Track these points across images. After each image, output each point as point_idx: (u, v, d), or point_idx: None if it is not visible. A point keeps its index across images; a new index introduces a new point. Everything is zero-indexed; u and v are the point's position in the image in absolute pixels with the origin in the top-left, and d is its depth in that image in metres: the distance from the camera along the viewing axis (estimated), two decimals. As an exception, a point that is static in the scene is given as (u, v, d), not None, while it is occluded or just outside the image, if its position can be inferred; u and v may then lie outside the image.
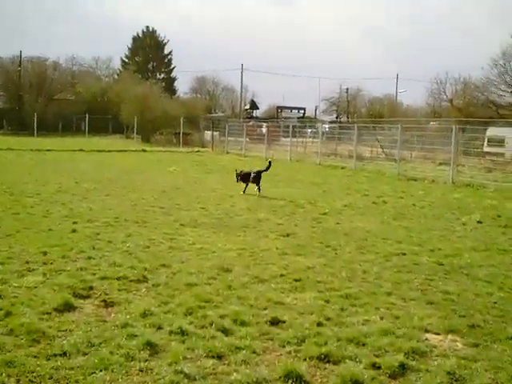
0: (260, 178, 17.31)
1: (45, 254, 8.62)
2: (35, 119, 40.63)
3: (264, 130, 41.47)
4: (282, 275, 7.91)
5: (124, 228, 10.96)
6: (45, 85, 71.73)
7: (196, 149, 43.96)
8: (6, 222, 11.22)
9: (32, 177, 19.82)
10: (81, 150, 37.76)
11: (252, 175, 17.50)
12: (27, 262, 8.08)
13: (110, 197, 15.45)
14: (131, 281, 7.33)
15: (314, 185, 20.74)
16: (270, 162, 18.08)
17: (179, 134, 49.91)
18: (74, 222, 11.31)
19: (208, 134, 55.37)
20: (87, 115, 43.89)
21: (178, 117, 54.62)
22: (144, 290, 7.02)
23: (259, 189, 17.09)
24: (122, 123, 63.36)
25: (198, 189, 18.22)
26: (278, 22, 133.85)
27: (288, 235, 11.02)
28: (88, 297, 6.74)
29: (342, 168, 29.37)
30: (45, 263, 8.10)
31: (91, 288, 6.99)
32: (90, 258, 8.47)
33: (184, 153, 39.57)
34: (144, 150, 40.45)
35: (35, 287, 6.94)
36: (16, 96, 72.31)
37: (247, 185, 17.51)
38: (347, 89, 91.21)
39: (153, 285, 7.21)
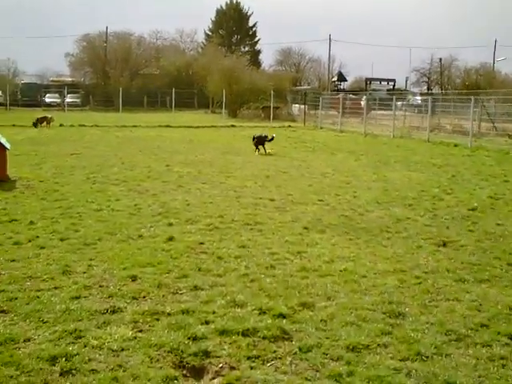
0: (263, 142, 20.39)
1: (134, 279, 6.24)
2: (120, 94, 38.90)
3: (363, 102, 38.15)
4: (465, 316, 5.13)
5: (234, 233, 8.44)
6: (130, 60, 70.74)
7: (287, 123, 41.23)
8: (86, 222, 8.98)
9: (118, 159, 17.69)
10: (167, 125, 35.88)
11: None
12: (110, 297, 5.64)
13: (207, 185, 13.02)
14: (265, 338, 4.74)
15: (435, 167, 17.67)
16: (273, 136, 21.04)
17: (266, 108, 47.28)
18: (170, 224, 8.90)
19: (296, 107, 52.67)
20: (173, 90, 41.75)
21: (265, 90, 52.16)
22: (289, 359, 4.41)
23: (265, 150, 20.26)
24: (207, 97, 61.35)
25: (306, 173, 15.55)
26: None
27: (445, 244, 8.19)
28: (201, 371, 4.20)
29: (456, 145, 25.90)
30: (134, 298, 5.66)
31: (206, 354, 4.43)
32: (196, 288, 6.01)
33: (276, 128, 36.86)
34: (233, 126, 38.09)
35: (122, 349, 4.45)
36: (102, 72, 71.75)
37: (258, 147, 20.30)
38: (440, 59, 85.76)
39: (300, 348, 4.58)
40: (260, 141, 20.47)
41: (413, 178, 15.13)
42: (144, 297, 5.73)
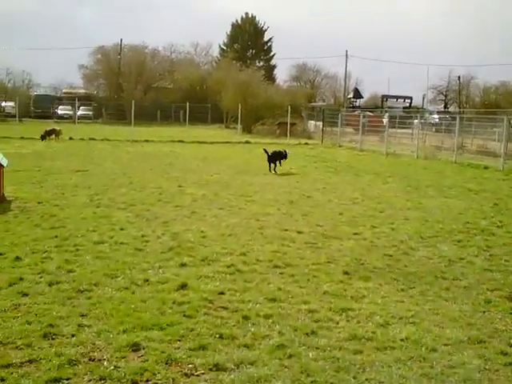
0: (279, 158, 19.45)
1: (135, 348, 4.89)
2: (133, 108, 37.64)
3: (385, 120, 36.61)
4: None
5: (260, 279, 6.94)
6: (144, 73, 69.77)
7: (303, 141, 39.75)
8: (83, 259, 7.52)
9: (126, 178, 16.27)
10: (180, 141, 34.51)
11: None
12: (102, 380, 4.20)
13: (225, 211, 11.54)
14: None
15: (472, 193, 16.15)
16: (285, 151, 20.03)
17: (282, 124, 45.91)
18: (182, 264, 7.42)
19: (311, 124, 51.32)
20: (187, 104, 40.46)
21: (280, 106, 50.93)
22: None
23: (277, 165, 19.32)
24: (221, 112, 60.12)
25: (333, 198, 14.04)
26: (384, 10, 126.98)
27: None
28: None
29: (486, 168, 24.27)
30: (134, 383, 4.13)
31: None
32: (217, 367, 4.56)
33: (292, 145, 35.37)
34: (248, 142, 36.65)
35: None
36: (115, 84, 70.82)
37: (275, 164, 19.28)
38: (459, 76, 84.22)
39: None
40: (276, 157, 19.53)
41: (451, 206, 13.59)
42: (147, 381, 4.22)
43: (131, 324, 5.27)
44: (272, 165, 19.40)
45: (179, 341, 5.00)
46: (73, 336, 5.04)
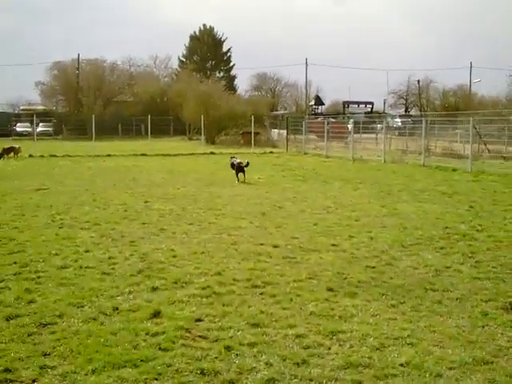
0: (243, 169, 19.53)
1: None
2: (93, 122, 36.79)
3: (350, 126, 36.43)
4: None
5: (239, 302, 6.41)
6: (103, 87, 68.75)
7: (268, 149, 39.37)
8: (45, 286, 6.93)
9: (89, 195, 15.58)
10: (143, 154, 33.79)
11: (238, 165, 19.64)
12: None
13: (195, 227, 10.98)
14: None
15: (445, 196, 15.94)
16: (247, 162, 20.09)
17: (246, 133, 45.55)
18: (154, 288, 6.86)
19: (275, 132, 51.08)
20: (149, 116, 39.73)
21: (243, 115, 50.63)
22: None
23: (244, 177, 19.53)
24: (183, 124, 59.51)
25: (305, 207, 13.61)
26: (338, 16, 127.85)
27: None
28: None
29: (454, 170, 24.18)
30: None
31: None
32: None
33: (258, 155, 35.00)
34: (212, 153, 36.11)
35: None
36: (74, 99, 69.64)
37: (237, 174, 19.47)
38: (418, 80, 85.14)
39: None
40: (240, 168, 19.63)
41: (427, 210, 13.27)
42: None
43: (101, 362, 4.69)
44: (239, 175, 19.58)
45: (156, 379, 4.44)
46: (34, 382, 4.43)
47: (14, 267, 7.88)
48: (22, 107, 74.77)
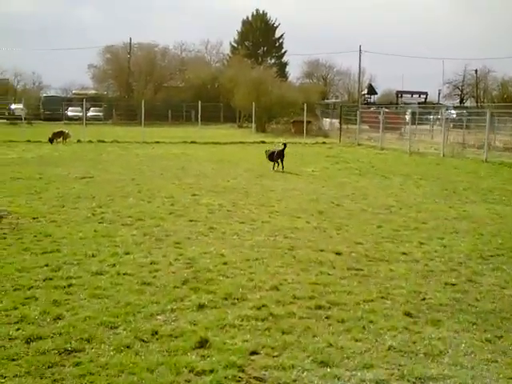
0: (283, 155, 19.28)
1: None
2: (143, 108, 36.15)
3: (407, 117, 34.88)
4: None
5: (302, 328, 5.37)
6: (154, 72, 68.28)
7: (321, 139, 38.09)
8: (75, 298, 6.01)
9: (135, 185, 14.75)
10: (193, 142, 32.93)
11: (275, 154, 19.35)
12: None
13: (247, 226, 10.00)
14: None
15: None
16: (284, 144, 19.97)
17: (297, 122, 44.32)
18: (201, 306, 5.88)
19: (326, 121, 49.77)
20: (199, 103, 38.85)
21: (294, 103, 49.35)
22: None
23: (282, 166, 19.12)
24: (233, 111, 58.57)
25: (366, 206, 12.53)
26: (397, 4, 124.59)
27: None
28: None
29: (523, 166, 22.54)
30: None
31: None
32: None
33: (310, 145, 33.84)
34: (263, 142, 34.99)
35: None
36: (125, 84, 69.50)
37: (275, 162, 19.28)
38: (476, 70, 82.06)
39: None
40: (279, 155, 19.41)
41: (501, 213, 11.98)
42: None
43: (132, 413, 3.69)
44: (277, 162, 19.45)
45: None
46: None
47: (45, 271, 7.01)
48: (73, 91, 75.06)
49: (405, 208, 12.35)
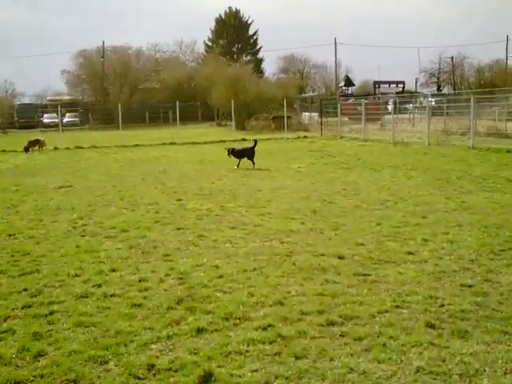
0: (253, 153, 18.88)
1: None
2: (119, 111, 35.36)
3: (390, 107, 34.47)
4: None
5: (317, 351, 4.80)
6: (129, 74, 67.32)
7: (302, 134, 37.52)
8: (58, 328, 5.38)
9: (116, 192, 14.08)
10: (172, 143, 32.27)
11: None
12: None
13: (239, 232, 9.39)
14: None
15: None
16: (255, 140, 19.22)
17: (276, 118, 43.83)
18: (199, 331, 5.25)
19: (306, 115, 49.34)
20: (177, 103, 38.08)
21: (273, 99, 48.84)
22: None
23: (253, 163, 18.71)
24: (211, 110, 57.91)
25: (359, 202, 12.00)
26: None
27: None
28: None
29: (509, 151, 22.17)
30: None
31: None
32: None
33: (292, 140, 33.30)
34: (244, 140, 34.35)
35: None
36: (100, 88, 68.47)
37: (240, 160, 18.85)
38: (452, 57, 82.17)
39: None
40: (250, 152, 19.06)
41: (501, 202, 11.52)
42: None
43: None
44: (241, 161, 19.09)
45: None
46: None
47: (23, 296, 6.35)
48: (48, 98, 73.86)
49: (400, 202, 11.82)
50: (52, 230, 9.91)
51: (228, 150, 19.37)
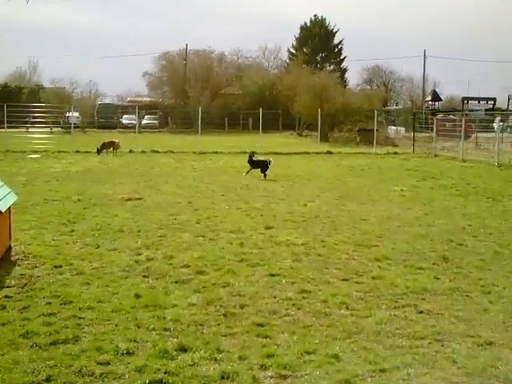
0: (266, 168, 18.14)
1: None
2: (199, 115, 33.48)
3: (496, 125, 31.12)
4: None
5: None
6: (210, 79, 65.84)
7: (391, 150, 34.61)
8: None
9: (191, 211, 11.91)
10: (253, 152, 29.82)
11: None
12: None
13: (353, 285, 6.88)
14: None
15: None
16: (270, 161, 18.65)
17: (362, 130, 41.29)
18: None
19: (392, 129, 46.46)
20: (260, 110, 35.87)
21: (359, 110, 46.21)
22: None
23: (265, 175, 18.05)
24: (292, 118, 55.65)
25: (500, 248, 9.11)
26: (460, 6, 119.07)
27: None
28: None
29: None
30: None
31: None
32: None
33: (381, 156, 30.50)
34: (330, 152, 31.85)
35: None
36: (181, 91, 67.36)
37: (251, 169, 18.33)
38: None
39: None
40: (263, 166, 18.54)
41: None
42: None
43: None
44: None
45: None
46: None
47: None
48: (129, 99, 73.59)
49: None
50: (108, 264, 7.70)
51: (249, 156, 19.10)
